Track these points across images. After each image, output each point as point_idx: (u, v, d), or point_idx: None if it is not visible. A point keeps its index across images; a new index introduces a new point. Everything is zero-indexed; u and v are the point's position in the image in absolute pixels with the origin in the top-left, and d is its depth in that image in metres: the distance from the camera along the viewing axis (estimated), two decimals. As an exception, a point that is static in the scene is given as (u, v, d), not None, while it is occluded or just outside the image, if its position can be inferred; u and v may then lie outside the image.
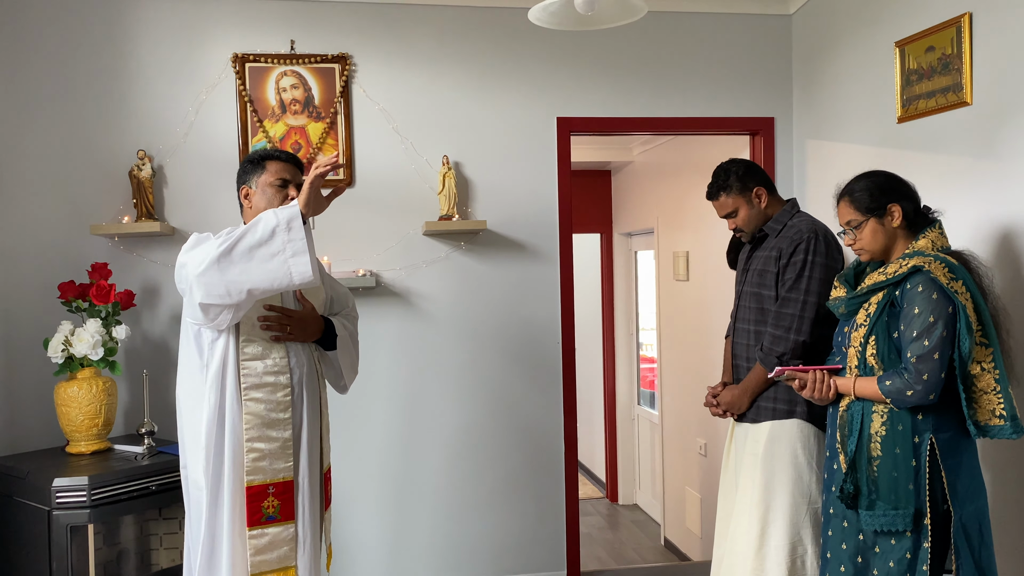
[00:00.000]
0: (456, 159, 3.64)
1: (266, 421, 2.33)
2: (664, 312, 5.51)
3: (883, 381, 2.16)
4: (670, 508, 5.47)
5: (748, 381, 2.78)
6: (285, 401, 2.36)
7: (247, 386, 2.32)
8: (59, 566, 2.74)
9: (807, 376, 2.34)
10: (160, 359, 3.43)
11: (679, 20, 3.81)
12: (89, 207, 3.39)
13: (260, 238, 2.14)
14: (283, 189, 2.42)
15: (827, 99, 3.60)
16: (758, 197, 2.83)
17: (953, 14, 2.79)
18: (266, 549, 2.34)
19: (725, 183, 2.83)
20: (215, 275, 2.15)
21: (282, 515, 2.36)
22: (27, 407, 3.33)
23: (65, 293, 3.13)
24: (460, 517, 3.71)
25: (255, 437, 2.32)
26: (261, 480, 2.33)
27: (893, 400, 2.14)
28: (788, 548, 2.66)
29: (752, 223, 2.86)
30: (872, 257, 2.32)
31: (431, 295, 3.66)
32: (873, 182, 2.29)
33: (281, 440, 2.36)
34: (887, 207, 2.26)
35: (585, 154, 5.88)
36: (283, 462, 2.36)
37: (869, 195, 2.28)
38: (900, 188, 2.29)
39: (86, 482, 2.74)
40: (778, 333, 2.67)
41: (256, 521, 2.32)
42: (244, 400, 2.31)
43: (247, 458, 2.31)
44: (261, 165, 2.43)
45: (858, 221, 2.29)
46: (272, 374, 2.35)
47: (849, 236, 2.34)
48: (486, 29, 3.68)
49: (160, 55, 3.45)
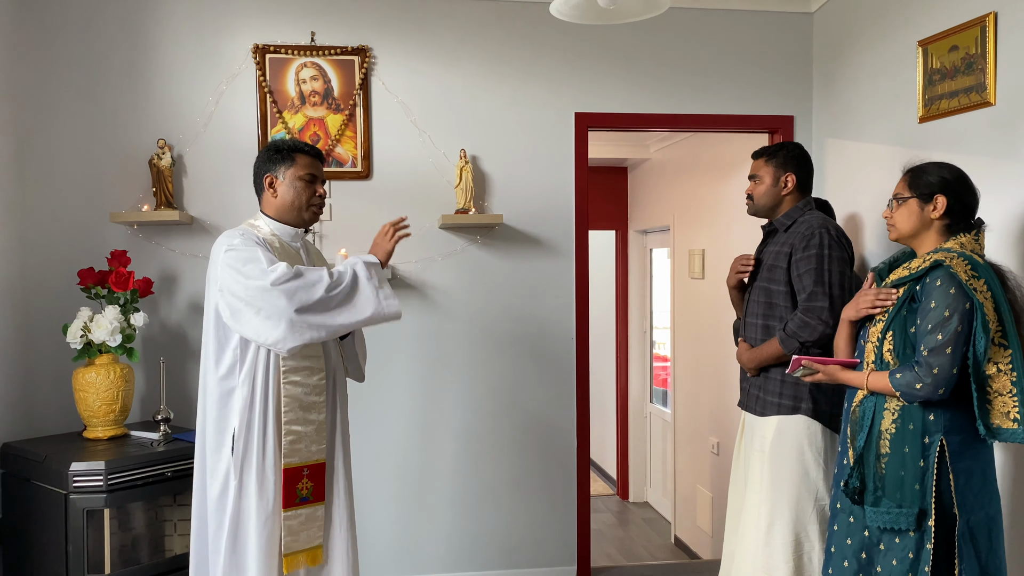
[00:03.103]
0: (473, 153, 3.65)
1: (304, 404, 2.38)
2: (679, 310, 5.50)
3: (894, 374, 2.14)
4: (681, 506, 5.46)
5: (761, 351, 2.82)
6: (320, 384, 2.41)
7: (286, 369, 2.35)
8: (75, 549, 2.77)
9: (822, 368, 2.33)
10: (177, 347, 3.46)
11: (699, 16, 3.80)
12: (109, 195, 3.42)
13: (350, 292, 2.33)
14: (311, 184, 2.45)
15: (847, 98, 3.58)
16: (785, 182, 2.89)
17: (977, 13, 2.76)
18: (299, 529, 2.39)
19: (773, 152, 2.93)
20: (313, 326, 2.28)
21: (314, 496, 2.40)
22: (46, 392, 3.36)
23: (85, 280, 3.16)
24: (471, 510, 3.72)
25: (293, 420, 2.37)
26: (297, 462, 2.38)
27: (903, 394, 2.12)
28: (794, 544, 2.67)
29: (764, 199, 2.92)
30: (899, 236, 2.30)
31: (446, 288, 3.67)
32: (938, 171, 2.25)
33: (316, 423, 2.41)
34: (934, 196, 2.23)
35: (602, 150, 5.87)
36: (317, 444, 2.41)
37: (925, 179, 2.25)
38: (959, 187, 2.24)
39: (103, 467, 2.77)
40: (809, 320, 2.67)
41: (292, 503, 2.36)
42: (284, 384, 2.35)
43: (285, 440, 2.35)
44: (291, 157, 2.44)
45: (903, 197, 2.28)
46: (308, 358, 2.39)
47: (888, 208, 2.32)
48: (505, 23, 3.67)
49: (182, 45, 3.47)
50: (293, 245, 2.50)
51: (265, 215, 2.49)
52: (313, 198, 2.47)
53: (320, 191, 2.48)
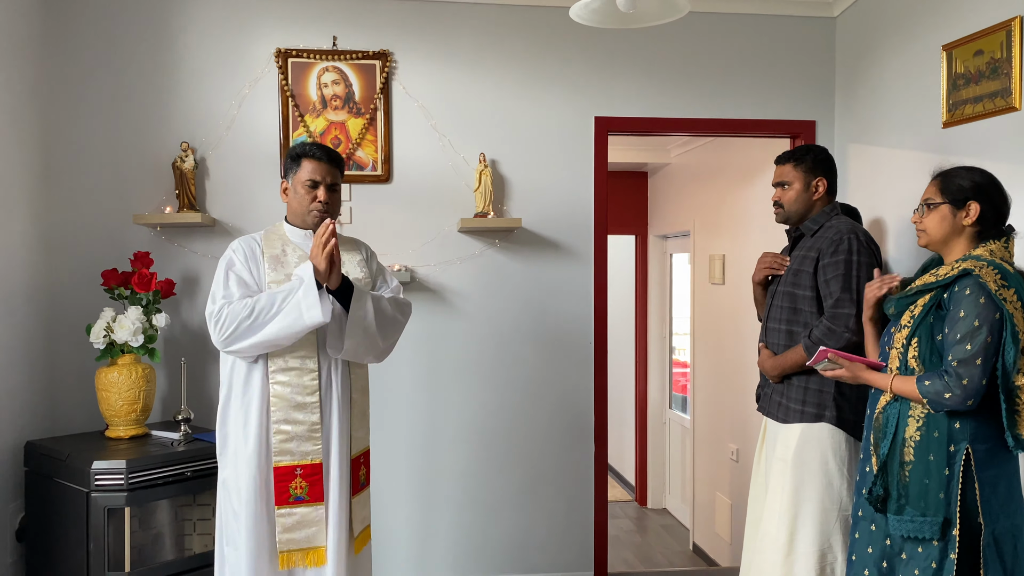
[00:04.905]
0: (493, 157, 3.65)
1: (293, 404, 2.39)
2: (698, 316, 5.47)
3: (922, 381, 2.11)
4: (700, 513, 5.42)
5: (785, 358, 2.78)
6: (312, 385, 2.42)
7: (274, 369, 2.39)
8: (96, 547, 2.80)
9: (847, 364, 2.30)
10: (198, 348, 3.49)
11: (721, 21, 3.78)
12: (133, 197, 3.46)
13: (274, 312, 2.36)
14: (313, 190, 2.47)
15: (870, 103, 3.55)
16: (816, 187, 2.84)
17: (1003, 17, 2.73)
18: (295, 528, 2.40)
19: (801, 156, 2.87)
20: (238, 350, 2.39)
21: (311, 496, 2.41)
22: (69, 391, 3.41)
23: (108, 280, 3.20)
24: (488, 513, 3.72)
25: (281, 419, 2.39)
26: (288, 461, 2.39)
27: (930, 401, 2.09)
28: (817, 555, 2.63)
29: (795, 205, 2.86)
30: (928, 242, 2.26)
31: (464, 292, 3.68)
32: (971, 176, 2.21)
33: (308, 423, 2.41)
34: (968, 203, 2.20)
35: (623, 155, 5.86)
36: (311, 445, 2.41)
37: (959, 184, 2.20)
38: (993, 194, 2.20)
39: (124, 466, 2.80)
40: (835, 328, 2.64)
41: (284, 501, 2.39)
42: (271, 384, 2.39)
43: (274, 439, 2.38)
44: (297, 162, 2.49)
45: (935, 202, 2.23)
46: (299, 359, 2.41)
47: (917, 213, 2.28)
48: (526, 27, 3.68)
49: (205, 49, 3.51)
50: (303, 247, 2.52)
51: (285, 219, 2.57)
52: (312, 203, 2.46)
53: (321, 196, 2.45)
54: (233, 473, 2.42)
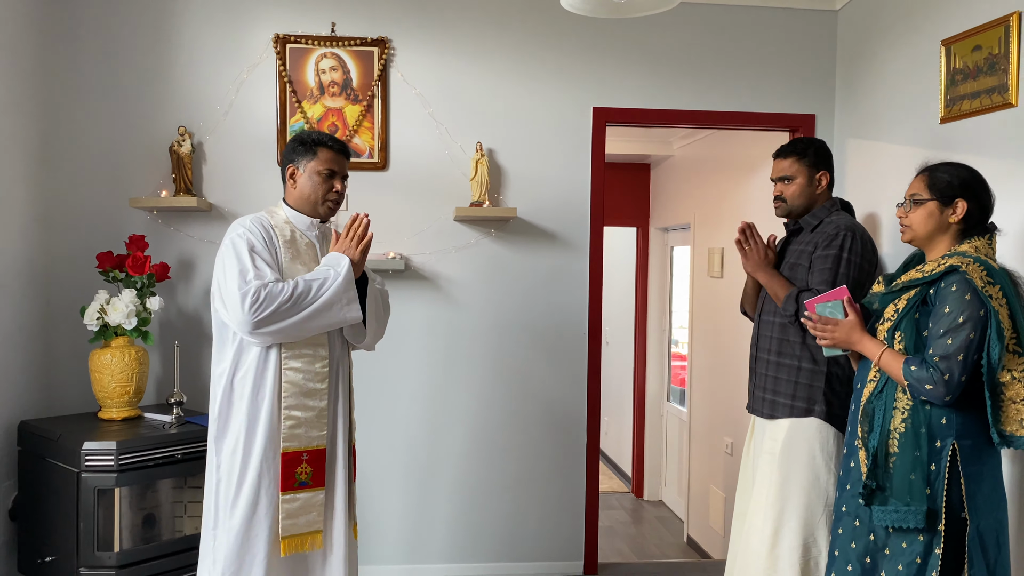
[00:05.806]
0: (490, 146, 3.65)
1: (304, 390, 2.40)
2: (697, 309, 5.46)
3: (909, 364, 2.11)
4: (694, 506, 5.43)
5: (775, 279, 2.77)
6: (323, 372, 2.43)
7: (287, 355, 2.38)
8: (86, 526, 2.82)
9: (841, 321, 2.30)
10: (192, 332, 3.51)
11: (721, 12, 3.76)
12: (129, 180, 3.48)
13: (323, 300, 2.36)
14: (329, 179, 2.48)
15: (870, 97, 3.53)
16: (820, 181, 2.83)
17: (1001, 13, 2.71)
18: (298, 513, 2.40)
19: (803, 150, 2.84)
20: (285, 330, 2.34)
21: (314, 481, 2.42)
22: (62, 372, 3.43)
23: (103, 263, 3.21)
24: (480, 501, 3.73)
25: (292, 405, 2.39)
26: (296, 447, 2.40)
27: (911, 386, 2.09)
28: (801, 549, 2.64)
29: (798, 199, 2.84)
30: (912, 238, 2.26)
31: (459, 280, 3.68)
32: (958, 172, 2.21)
33: (317, 409, 2.42)
34: (955, 200, 2.19)
35: (625, 147, 5.83)
36: (317, 430, 2.43)
37: (947, 181, 2.20)
38: (979, 192, 2.20)
39: (115, 447, 2.82)
40: None
41: (290, 486, 2.39)
42: (284, 369, 2.38)
43: (283, 425, 2.38)
44: (312, 150, 2.47)
45: (921, 198, 2.22)
46: (311, 346, 2.41)
47: (904, 208, 2.27)
48: (525, 16, 3.67)
49: (204, 34, 3.51)
50: (307, 235, 2.52)
51: (286, 203, 2.54)
52: (329, 193, 2.48)
53: (338, 187, 2.49)
54: (231, 459, 2.38)
